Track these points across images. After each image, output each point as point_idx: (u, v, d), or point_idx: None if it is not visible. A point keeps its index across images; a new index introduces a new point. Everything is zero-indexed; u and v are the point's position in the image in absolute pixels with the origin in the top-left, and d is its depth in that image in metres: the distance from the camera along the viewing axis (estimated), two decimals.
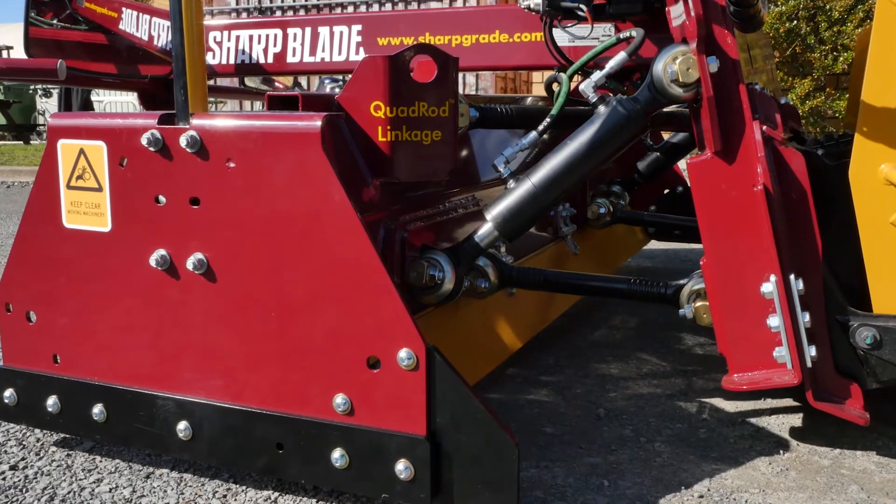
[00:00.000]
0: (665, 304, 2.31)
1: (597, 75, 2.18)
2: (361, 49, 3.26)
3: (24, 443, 2.12)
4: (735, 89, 2.01)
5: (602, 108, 2.15)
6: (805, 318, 1.96)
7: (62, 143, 1.89)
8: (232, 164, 1.72)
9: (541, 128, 2.28)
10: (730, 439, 2.15)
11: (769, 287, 1.97)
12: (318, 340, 1.70)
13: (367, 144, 2.08)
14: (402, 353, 1.63)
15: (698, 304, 2.20)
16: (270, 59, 3.42)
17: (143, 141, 1.77)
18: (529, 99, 3.50)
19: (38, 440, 2.12)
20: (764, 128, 2.00)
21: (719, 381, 2.06)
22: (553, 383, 2.57)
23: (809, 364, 1.96)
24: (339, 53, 3.30)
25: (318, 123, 1.64)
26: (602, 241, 3.72)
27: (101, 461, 2.01)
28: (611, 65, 2.19)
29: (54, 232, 1.92)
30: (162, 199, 1.80)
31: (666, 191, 4.13)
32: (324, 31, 3.32)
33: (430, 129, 2.10)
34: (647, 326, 3.22)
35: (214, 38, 3.50)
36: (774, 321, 1.98)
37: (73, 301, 1.94)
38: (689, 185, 2.63)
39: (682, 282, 2.29)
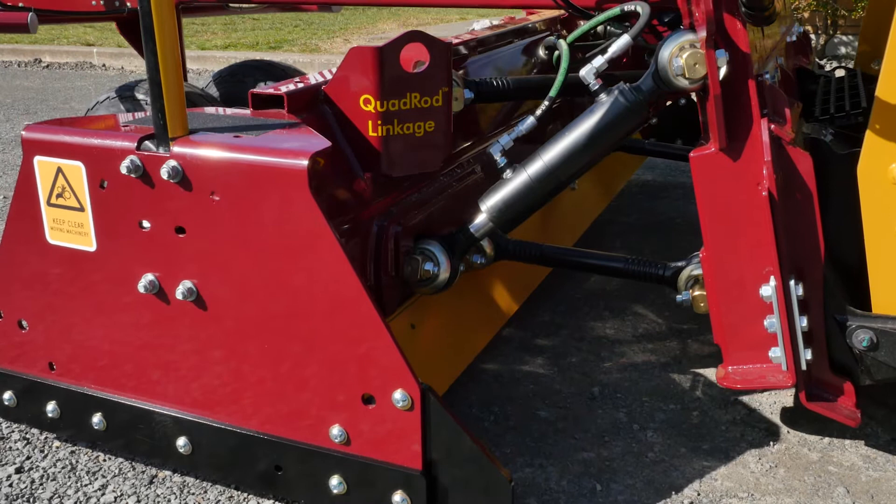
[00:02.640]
0: (662, 286, 2.29)
1: (598, 61, 2.06)
2: None
3: (27, 437, 2.16)
4: (744, 85, 1.91)
5: (603, 97, 2.05)
6: (803, 323, 1.95)
7: (39, 160, 1.81)
8: (216, 197, 1.65)
9: (539, 112, 2.18)
10: (721, 425, 2.18)
11: (768, 291, 1.95)
12: (311, 372, 1.70)
13: (356, 138, 2.00)
14: (397, 395, 1.63)
15: (696, 292, 2.18)
16: None
17: (123, 169, 1.69)
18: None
19: (42, 433, 2.16)
20: (772, 126, 1.91)
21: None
22: (548, 350, 2.59)
23: (804, 367, 1.96)
24: None
25: (305, 163, 1.56)
26: (600, 170, 3.64)
27: (104, 461, 2.05)
28: (613, 49, 2.07)
29: (38, 248, 1.87)
30: (146, 224, 1.74)
31: (668, 102, 4.00)
32: None
33: (422, 120, 2.02)
34: None
35: None
36: (771, 323, 1.96)
37: (63, 314, 1.91)
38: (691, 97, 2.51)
39: (680, 264, 2.26)
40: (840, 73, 3.21)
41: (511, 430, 2.17)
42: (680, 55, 1.91)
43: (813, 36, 7.29)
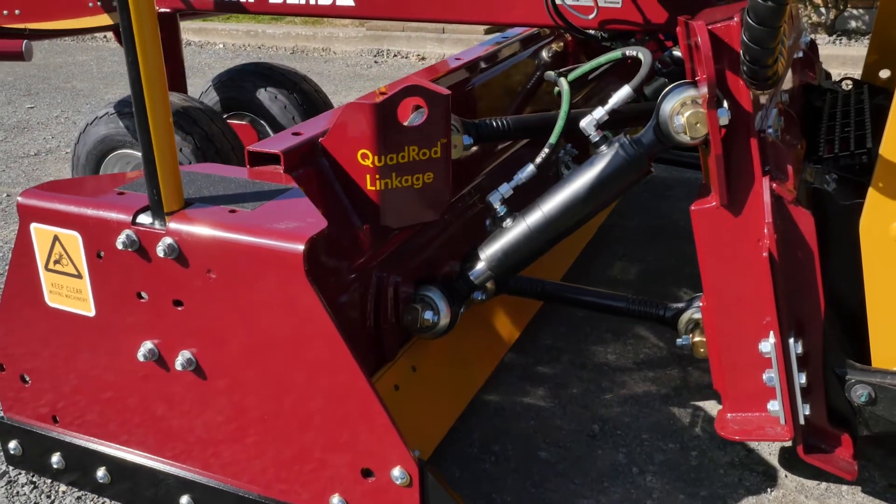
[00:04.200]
0: (662, 326, 2.30)
1: (598, 112, 2.03)
2: None
3: (34, 480, 2.19)
4: (746, 142, 1.89)
5: (604, 149, 2.02)
6: (801, 379, 1.95)
7: (35, 227, 1.80)
8: (213, 275, 1.65)
9: (538, 160, 2.16)
10: (720, 468, 2.20)
11: (767, 347, 1.94)
12: (311, 443, 1.71)
13: (354, 190, 2.00)
14: (396, 472, 1.64)
15: (696, 338, 2.18)
16: None
17: (119, 245, 1.68)
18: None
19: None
20: (774, 185, 1.89)
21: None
22: (549, 379, 2.60)
23: (802, 421, 1.97)
24: None
25: (301, 248, 1.55)
26: None
27: None
28: (614, 100, 2.04)
29: (38, 310, 1.88)
30: (144, 295, 1.74)
31: None
32: None
33: (421, 172, 2.01)
34: (644, 282, 3.21)
35: None
36: (770, 377, 1.97)
37: (64, 372, 1.92)
38: None
39: (680, 305, 2.27)
40: (847, 84, 3.15)
41: (512, 473, 2.19)
42: (681, 112, 1.89)
43: (823, 10, 7.16)
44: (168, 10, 3.31)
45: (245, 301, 1.64)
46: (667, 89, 1.94)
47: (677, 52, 3.25)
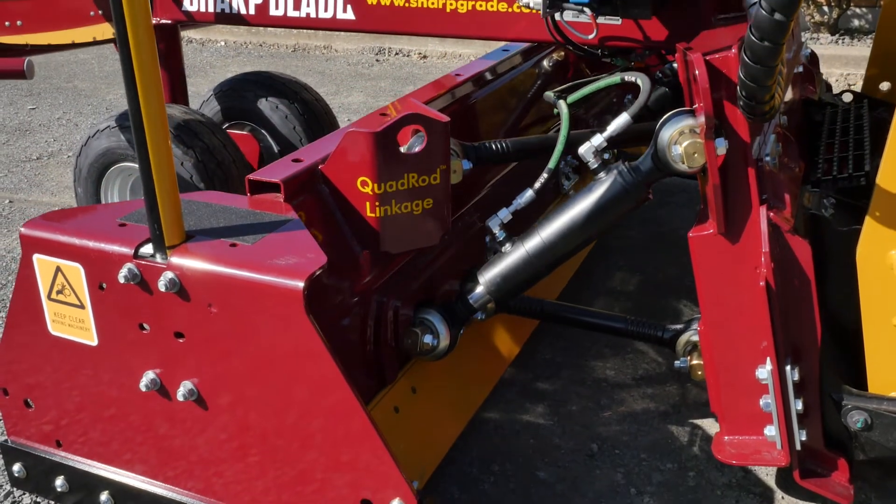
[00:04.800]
0: (661, 346, 2.31)
1: (597, 139, 2.05)
2: (349, 7, 3.03)
3: (38, 501, 2.21)
4: (743, 172, 1.90)
5: (602, 176, 2.04)
6: (798, 406, 1.97)
7: (38, 258, 1.82)
8: (214, 310, 1.66)
9: (537, 185, 2.17)
10: (717, 489, 2.22)
11: (764, 374, 1.96)
12: (312, 474, 1.73)
13: (354, 217, 2.01)
14: (395, 503, 1.66)
15: (694, 361, 2.20)
16: (252, 10, 3.19)
17: (121, 278, 1.70)
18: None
19: None
20: (771, 214, 1.90)
21: None
22: (549, 396, 2.61)
23: (798, 447, 1.99)
24: (326, 10, 3.08)
25: (301, 285, 1.57)
26: None
27: None
28: (612, 128, 2.05)
29: (41, 337, 1.90)
30: (146, 326, 1.76)
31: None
32: None
33: (420, 198, 2.02)
34: (644, 293, 3.22)
35: None
36: (767, 403, 1.98)
37: (68, 399, 1.94)
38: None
39: (678, 327, 2.28)
40: (847, 96, 3.15)
41: (510, 494, 2.21)
42: (679, 142, 1.89)
43: (826, 9, 7.13)
44: (169, 22, 3.32)
45: (245, 335, 1.66)
46: (665, 116, 1.95)
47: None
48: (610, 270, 3.41)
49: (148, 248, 1.71)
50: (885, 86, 3.21)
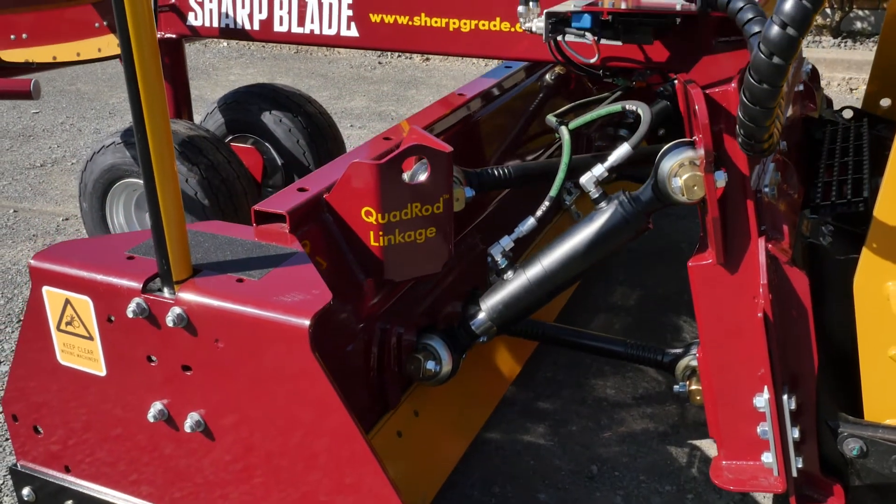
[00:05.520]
0: (660, 370, 2.34)
1: (598, 169, 2.07)
2: (353, 24, 3.05)
3: None
4: (743, 204, 1.93)
5: (603, 205, 2.06)
6: (795, 434, 2.00)
7: (47, 290, 1.84)
8: (221, 345, 1.69)
9: (539, 213, 2.20)
10: None
11: (761, 402, 1.99)
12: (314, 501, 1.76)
13: (358, 245, 2.04)
14: None
15: (693, 386, 2.23)
16: (256, 26, 3.21)
17: (130, 313, 1.73)
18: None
19: None
20: (769, 246, 1.93)
21: None
22: (549, 415, 2.65)
23: (795, 474, 2.02)
24: (330, 27, 3.10)
25: (306, 323, 1.59)
26: None
27: None
28: (613, 158, 2.08)
29: (50, 366, 1.92)
30: (154, 358, 1.79)
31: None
32: (311, 0, 3.09)
33: (423, 227, 2.04)
34: (644, 309, 3.25)
35: None
36: (764, 431, 2.01)
37: (77, 427, 1.97)
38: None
39: (678, 351, 2.31)
40: (848, 112, 3.17)
41: None
42: (679, 174, 1.92)
43: (828, 11, 7.14)
44: (174, 37, 3.35)
45: (252, 370, 1.69)
46: (666, 147, 1.97)
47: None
48: (610, 285, 3.43)
49: (156, 283, 1.74)
50: (885, 102, 3.24)
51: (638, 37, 2.34)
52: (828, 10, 7.17)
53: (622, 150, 2.07)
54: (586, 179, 2.08)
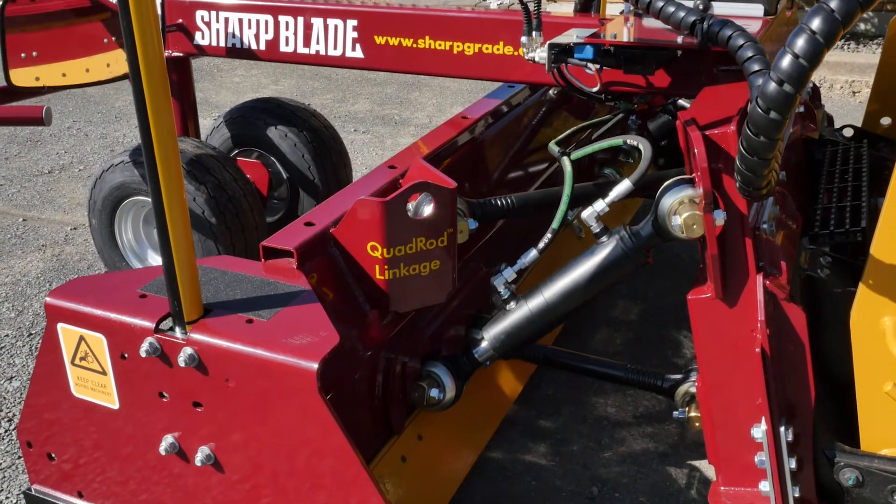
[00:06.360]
0: (660, 395, 2.39)
1: (599, 205, 2.11)
2: (358, 45, 3.09)
3: None
4: (741, 242, 1.96)
5: (604, 240, 2.10)
6: (791, 464, 2.04)
7: (62, 327, 1.89)
8: (231, 384, 1.74)
9: (541, 245, 2.24)
10: None
11: (759, 433, 2.03)
12: None
13: (364, 278, 2.08)
14: None
15: (692, 413, 2.27)
16: (262, 46, 3.26)
17: (143, 352, 1.78)
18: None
19: None
20: (767, 283, 1.97)
21: None
22: (550, 435, 2.69)
23: (792, 503, 2.06)
24: (335, 48, 3.14)
25: (315, 366, 1.64)
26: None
27: None
28: (614, 194, 2.12)
29: (64, 398, 1.98)
30: (166, 394, 1.83)
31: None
32: (317, 22, 3.13)
33: (428, 260, 2.09)
34: (645, 323, 3.29)
35: (202, 17, 3.31)
36: (762, 461, 2.06)
37: (90, 457, 2.02)
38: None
39: (677, 377, 2.35)
40: (848, 131, 3.21)
41: None
42: (679, 212, 1.96)
43: None
44: (181, 55, 3.39)
45: (260, 409, 1.74)
46: (666, 184, 2.01)
47: (681, 101, 3.32)
48: (612, 298, 3.48)
49: (168, 323, 1.79)
50: (885, 121, 3.27)
51: (640, 68, 2.38)
52: None
53: (623, 187, 2.11)
54: (588, 215, 2.12)
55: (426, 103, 6.38)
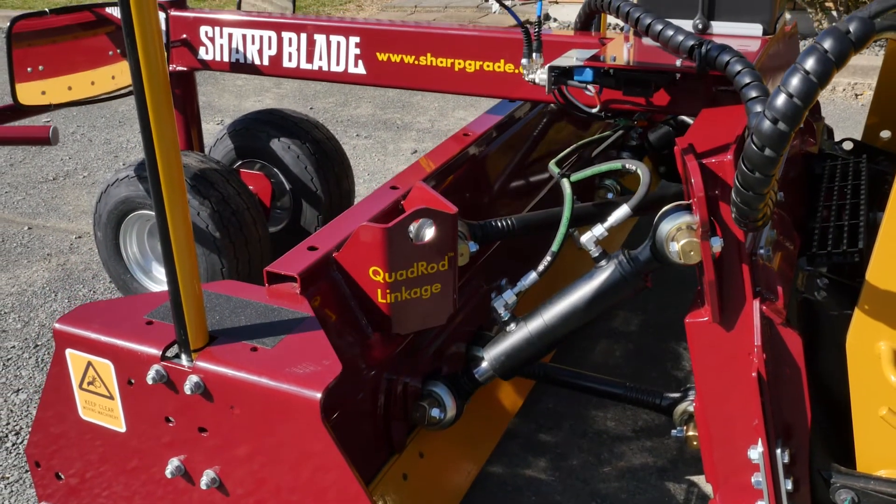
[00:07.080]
0: (658, 413, 2.42)
1: (598, 229, 2.14)
2: (360, 62, 3.11)
3: None
4: (738, 268, 1.99)
5: (603, 263, 2.13)
6: (788, 486, 2.07)
7: (70, 353, 1.93)
8: (236, 411, 1.77)
9: (541, 268, 2.27)
10: None
11: (755, 455, 2.06)
12: None
13: (366, 301, 2.11)
14: None
15: (690, 432, 2.30)
16: (265, 62, 3.29)
17: (149, 379, 1.81)
18: None
19: None
20: (764, 308, 1.99)
21: None
22: (550, 449, 2.73)
23: None
24: (338, 64, 3.17)
25: (318, 396, 1.67)
26: None
27: None
28: (612, 219, 2.15)
29: (72, 421, 2.01)
30: (172, 419, 1.87)
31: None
32: (320, 39, 3.16)
33: (429, 283, 2.12)
34: (645, 334, 3.32)
35: (206, 32, 3.34)
36: (758, 481, 2.09)
37: (97, 477, 2.06)
38: None
39: (676, 395, 2.38)
40: (848, 144, 3.23)
41: None
42: (677, 238, 1.99)
43: (834, 13, 7.15)
44: (185, 69, 3.42)
45: (265, 435, 1.77)
46: (664, 210, 2.03)
47: (682, 117, 3.35)
48: (611, 310, 3.50)
49: (174, 350, 1.82)
50: (885, 134, 3.29)
51: (639, 90, 2.41)
52: (834, 13, 7.18)
53: (621, 212, 2.14)
54: (587, 239, 2.15)
55: (428, 107, 6.40)
